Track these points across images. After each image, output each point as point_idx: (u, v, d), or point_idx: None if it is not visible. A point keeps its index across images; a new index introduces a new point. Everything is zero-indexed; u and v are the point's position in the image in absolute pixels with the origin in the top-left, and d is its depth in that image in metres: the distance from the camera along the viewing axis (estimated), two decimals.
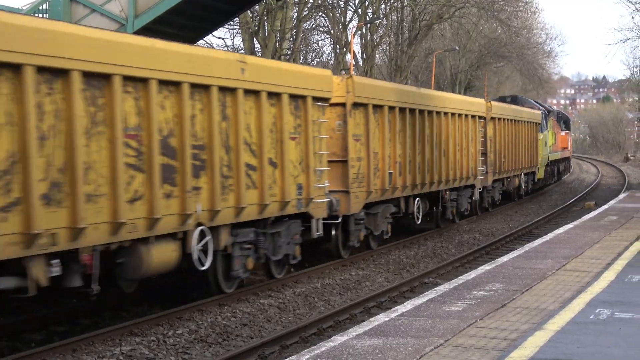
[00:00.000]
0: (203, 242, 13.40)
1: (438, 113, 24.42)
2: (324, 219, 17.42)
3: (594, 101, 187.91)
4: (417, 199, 23.18)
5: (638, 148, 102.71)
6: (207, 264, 13.53)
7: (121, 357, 11.04)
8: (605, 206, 29.19)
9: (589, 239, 18.69)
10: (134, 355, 11.16)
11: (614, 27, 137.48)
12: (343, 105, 18.73)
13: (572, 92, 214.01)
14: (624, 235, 19.26)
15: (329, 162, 17.79)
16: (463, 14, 49.75)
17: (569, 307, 10.95)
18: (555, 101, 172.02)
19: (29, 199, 10.14)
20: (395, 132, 21.15)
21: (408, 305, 11.37)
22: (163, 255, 12.56)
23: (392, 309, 11.41)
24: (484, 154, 30.07)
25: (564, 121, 55.10)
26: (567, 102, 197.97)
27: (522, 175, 38.07)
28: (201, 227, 13.30)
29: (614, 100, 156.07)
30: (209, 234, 13.54)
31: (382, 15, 46.91)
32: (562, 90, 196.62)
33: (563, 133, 52.97)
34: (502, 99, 42.39)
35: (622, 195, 35.67)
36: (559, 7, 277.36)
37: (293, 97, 15.94)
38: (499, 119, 32.46)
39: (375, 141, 20.11)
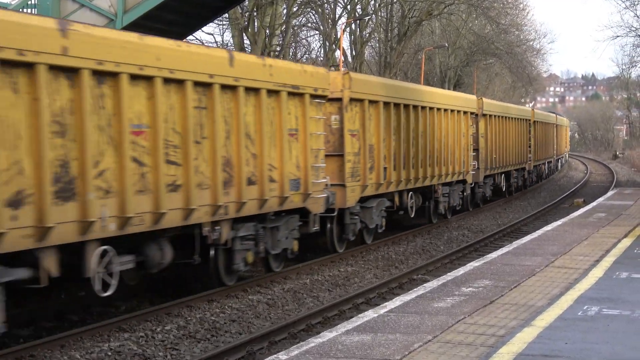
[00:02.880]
0: None
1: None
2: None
3: (583, 99, 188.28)
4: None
5: (627, 146, 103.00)
6: None
7: (110, 353, 11.02)
8: (594, 203, 29.24)
9: (578, 236, 18.72)
10: (123, 351, 11.14)
11: (604, 24, 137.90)
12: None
13: (562, 89, 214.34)
14: (612, 232, 19.30)
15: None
16: (452, 10, 49.66)
17: (557, 303, 10.97)
18: (544, 99, 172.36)
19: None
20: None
21: (397, 302, 11.37)
22: None
23: (381, 305, 11.40)
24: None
25: None
26: (557, 99, 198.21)
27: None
28: None
29: (603, 97, 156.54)
30: None
31: (371, 12, 46.87)
32: (552, 88, 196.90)
33: None
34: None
35: (610, 193, 35.75)
36: (549, 5, 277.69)
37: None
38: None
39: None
